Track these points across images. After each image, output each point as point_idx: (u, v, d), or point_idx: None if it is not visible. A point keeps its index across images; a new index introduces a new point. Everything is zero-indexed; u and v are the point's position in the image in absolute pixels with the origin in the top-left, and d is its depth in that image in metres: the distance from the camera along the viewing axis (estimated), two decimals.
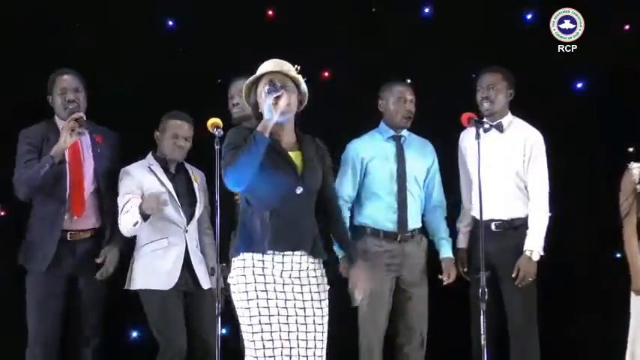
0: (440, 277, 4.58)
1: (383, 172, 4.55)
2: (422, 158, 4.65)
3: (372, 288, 4.30)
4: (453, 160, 4.77)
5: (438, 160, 4.71)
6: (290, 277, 3.53)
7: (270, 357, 3.44)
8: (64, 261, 4.36)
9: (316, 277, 3.59)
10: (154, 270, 4.36)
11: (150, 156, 4.51)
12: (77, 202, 4.37)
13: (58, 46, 5.04)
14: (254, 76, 3.62)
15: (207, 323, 4.38)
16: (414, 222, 4.57)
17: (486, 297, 4.09)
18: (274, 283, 3.50)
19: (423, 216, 4.65)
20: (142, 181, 4.37)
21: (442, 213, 4.67)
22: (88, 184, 4.42)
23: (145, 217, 4.20)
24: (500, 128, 4.37)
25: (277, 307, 3.47)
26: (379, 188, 4.54)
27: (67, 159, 4.36)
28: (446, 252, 4.60)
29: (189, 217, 4.45)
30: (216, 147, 3.97)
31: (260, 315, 3.46)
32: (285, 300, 3.50)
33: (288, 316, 3.48)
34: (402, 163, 4.56)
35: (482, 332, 4.08)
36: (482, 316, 4.08)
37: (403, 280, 4.54)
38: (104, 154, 4.48)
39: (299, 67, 3.65)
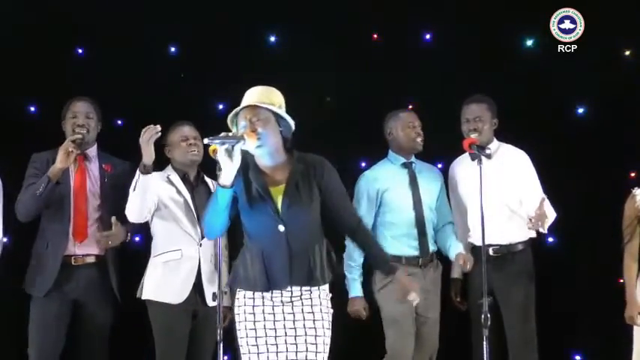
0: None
1: (399, 200, 4.55)
2: (432, 183, 4.67)
3: (401, 318, 4.38)
4: None
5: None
6: (282, 311, 3.48)
7: None
8: (67, 286, 4.34)
9: (311, 299, 3.49)
10: (166, 283, 4.32)
11: (169, 167, 4.46)
12: (80, 227, 4.37)
13: (59, 72, 5.06)
14: (235, 110, 3.47)
15: (205, 353, 4.39)
16: (432, 245, 4.59)
17: (489, 323, 4.08)
18: (264, 320, 3.48)
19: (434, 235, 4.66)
20: (158, 190, 4.33)
21: (452, 228, 4.66)
22: (92, 211, 4.41)
23: (144, 170, 4.09)
24: (489, 156, 4.39)
25: (267, 344, 3.46)
26: (397, 217, 4.54)
27: (72, 185, 4.38)
28: (458, 248, 4.55)
29: None
30: (218, 173, 3.97)
31: (250, 353, 3.48)
32: (276, 336, 3.46)
33: (278, 352, 3.45)
34: (416, 190, 4.58)
35: (485, 358, 4.07)
36: (485, 342, 4.06)
37: (420, 305, 4.44)
38: (112, 183, 4.46)
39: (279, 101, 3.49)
